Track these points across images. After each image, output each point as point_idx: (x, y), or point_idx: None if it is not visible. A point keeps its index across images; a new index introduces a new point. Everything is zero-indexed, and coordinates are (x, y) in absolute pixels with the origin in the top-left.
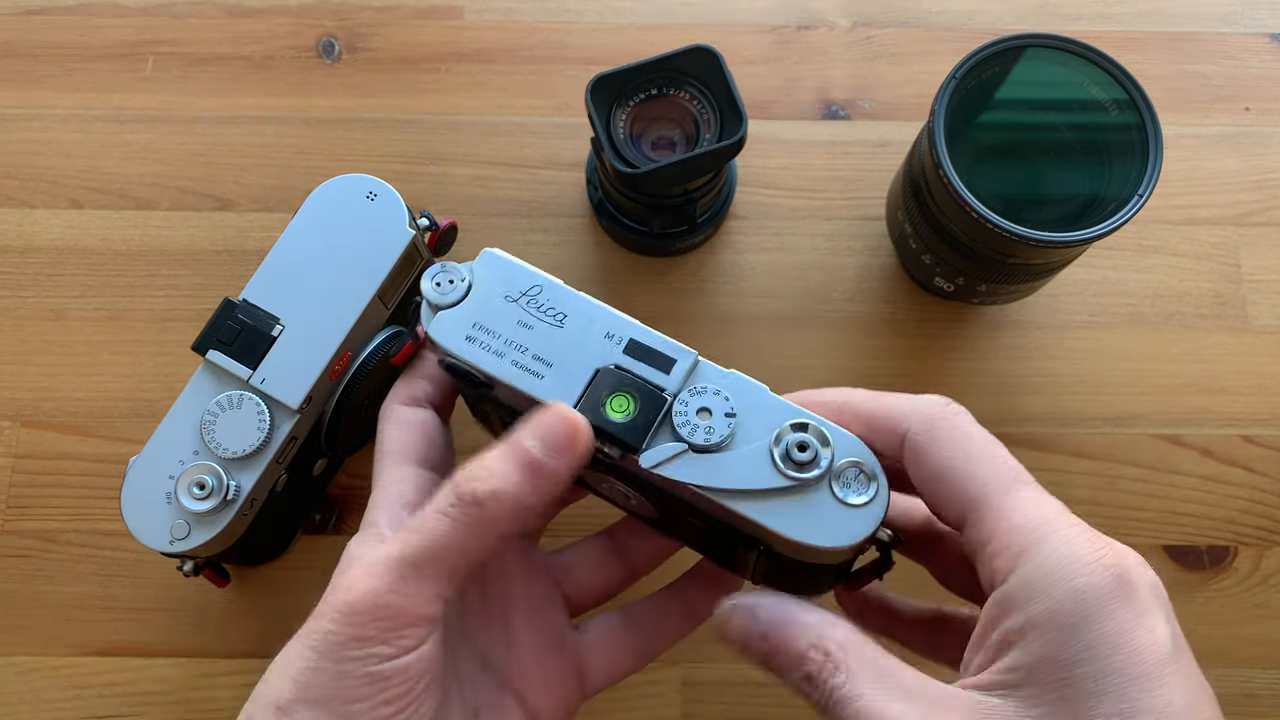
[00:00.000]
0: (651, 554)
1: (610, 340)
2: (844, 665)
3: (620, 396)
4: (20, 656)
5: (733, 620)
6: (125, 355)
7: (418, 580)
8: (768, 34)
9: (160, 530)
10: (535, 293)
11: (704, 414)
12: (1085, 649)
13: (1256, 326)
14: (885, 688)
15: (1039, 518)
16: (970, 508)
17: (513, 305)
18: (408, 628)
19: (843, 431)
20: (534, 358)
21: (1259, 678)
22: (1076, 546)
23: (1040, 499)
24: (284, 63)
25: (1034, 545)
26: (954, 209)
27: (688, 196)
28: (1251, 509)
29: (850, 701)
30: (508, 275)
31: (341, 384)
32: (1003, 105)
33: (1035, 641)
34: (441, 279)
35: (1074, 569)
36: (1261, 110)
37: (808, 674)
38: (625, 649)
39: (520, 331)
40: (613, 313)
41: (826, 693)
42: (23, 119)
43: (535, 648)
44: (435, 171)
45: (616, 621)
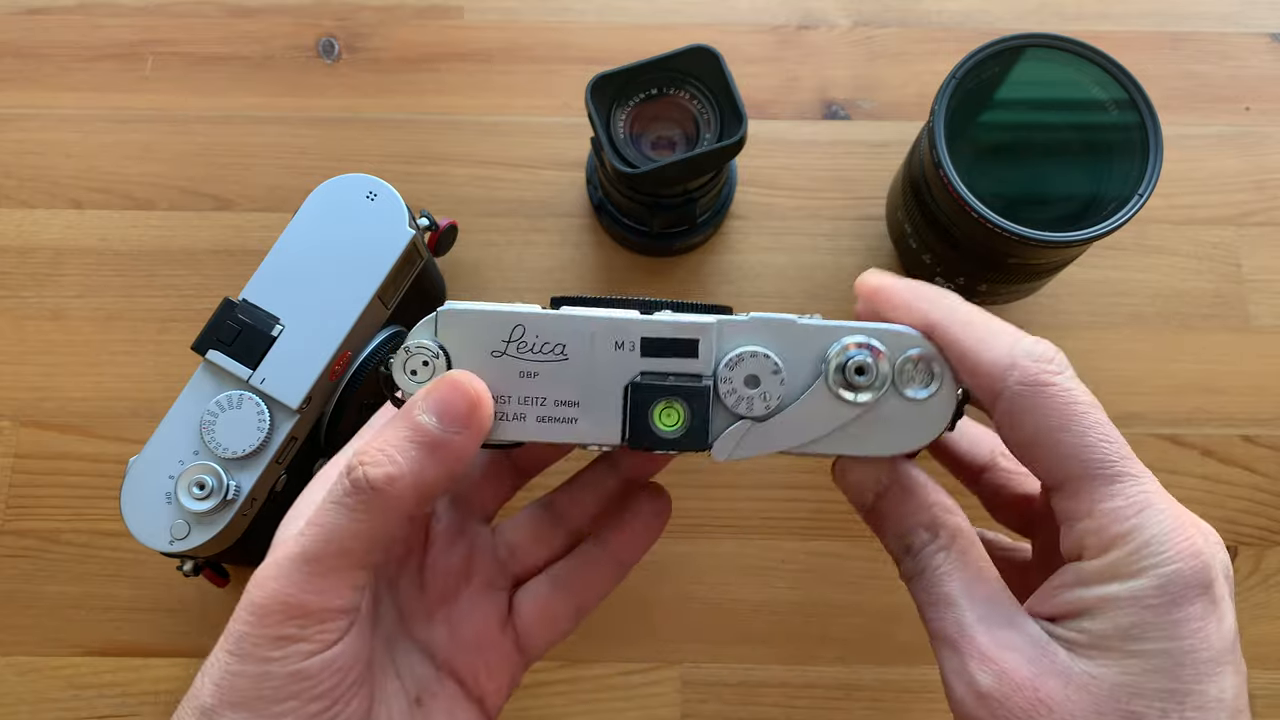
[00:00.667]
0: (591, 515)
1: (622, 350)
2: (948, 549)
3: (665, 408)
4: (20, 656)
5: (852, 471)
6: (125, 355)
7: (323, 575)
8: (768, 34)
9: (160, 530)
10: (519, 335)
11: (751, 382)
12: (1160, 630)
13: (1257, 326)
14: (975, 585)
15: (1137, 503)
16: (1069, 483)
17: (504, 359)
18: (324, 622)
19: (886, 327)
20: (556, 404)
21: (1259, 678)
22: (1170, 536)
23: (1140, 478)
24: (284, 63)
25: (1131, 532)
26: (954, 209)
27: (688, 196)
28: (1251, 509)
29: (942, 583)
30: (481, 328)
31: (341, 384)
32: (1003, 105)
33: (1111, 614)
34: (413, 364)
35: (1169, 558)
36: (1262, 110)
37: (910, 545)
38: (560, 614)
39: (527, 383)
40: (608, 316)
41: (920, 568)
42: (23, 119)
43: (477, 632)
44: (435, 171)
45: (546, 588)
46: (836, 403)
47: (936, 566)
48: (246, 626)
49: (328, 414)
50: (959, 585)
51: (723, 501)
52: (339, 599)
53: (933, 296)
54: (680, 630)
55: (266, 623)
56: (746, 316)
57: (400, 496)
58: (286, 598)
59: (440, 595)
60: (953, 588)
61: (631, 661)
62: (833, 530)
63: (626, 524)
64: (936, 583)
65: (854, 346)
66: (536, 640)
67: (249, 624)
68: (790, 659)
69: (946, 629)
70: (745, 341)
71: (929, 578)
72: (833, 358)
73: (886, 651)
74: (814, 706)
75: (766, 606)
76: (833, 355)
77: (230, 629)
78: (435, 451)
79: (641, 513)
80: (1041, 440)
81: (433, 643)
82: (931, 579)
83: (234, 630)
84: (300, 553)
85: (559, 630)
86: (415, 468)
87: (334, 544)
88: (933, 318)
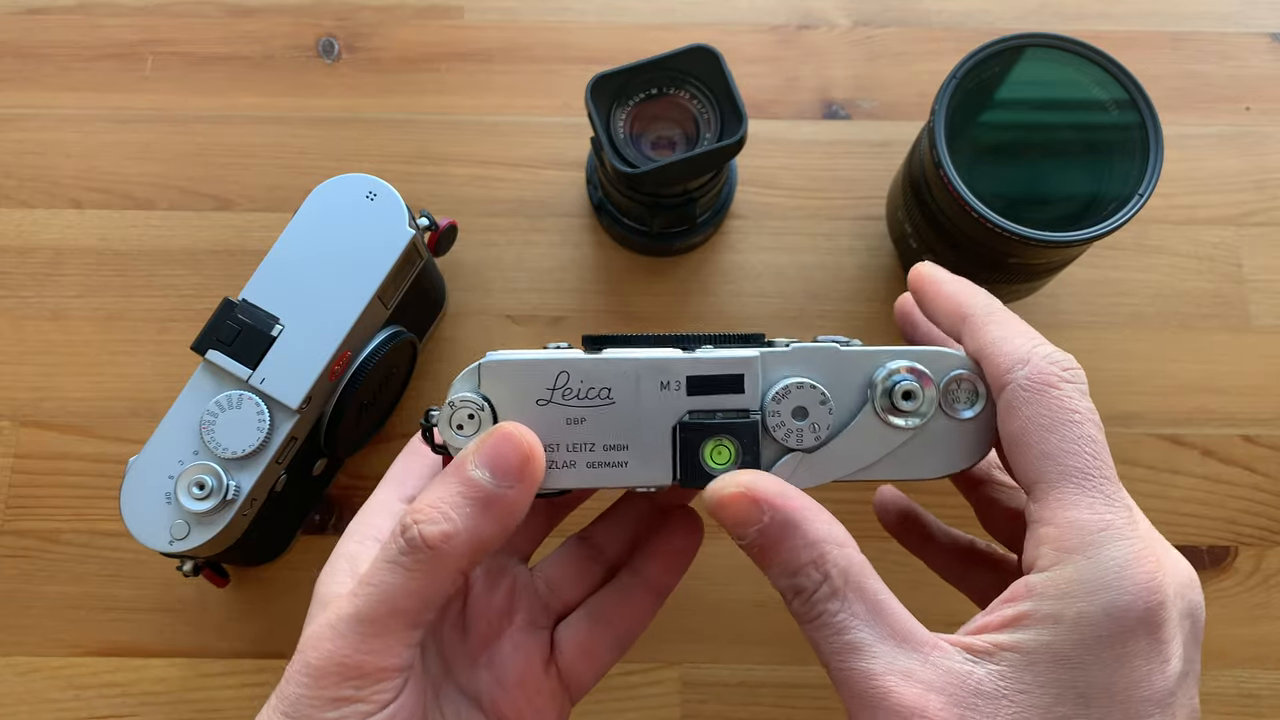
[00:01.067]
0: (627, 546)
1: (668, 390)
2: (841, 593)
3: (716, 447)
4: (20, 656)
5: (733, 506)
6: (125, 355)
7: (379, 636)
8: (768, 33)
9: (160, 530)
10: (564, 381)
11: (800, 414)
12: (1097, 660)
13: (1257, 326)
14: (877, 623)
15: (1103, 521)
16: (1041, 484)
17: (550, 407)
18: (380, 682)
19: (929, 351)
20: (606, 449)
21: (1259, 677)
22: (1128, 565)
23: (1112, 499)
24: (283, 62)
25: (1088, 548)
26: (954, 209)
27: (688, 196)
28: (1252, 509)
29: (839, 633)
30: (525, 377)
31: (341, 384)
32: (1003, 105)
33: (1051, 633)
34: (459, 419)
35: (1118, 587)
36: (1262, 110)
37: (799, 587)
38: (602, 648)
39: (576, 430)
40: (651, 356)
41: (816, 612)
42: (22, 119)
43: (521, 674)
44: (435, 171)
45: (585, 624)
46: (885, 428)
47: (834, 612)
48: (302, 689)
49: (328, 414)
50: (861, 630)
51: None
52: (395, 658)
53: (974, 291)
54: (680, 630)
55: (323, 684)
56: (788, 346)
57: (457, 554)
58: (343, 659)
59: (483, 639)
60: (855, 635)
61: (631, 661)
62: None
63: (660, 551)
64: (836, 630)
65: (901, 371)
66: (580, 676)
67: (305, 685)
68: (790, 659)
69: (854, 681)
70: (790, 373)
71: (826, 624)
72: (879, 383)
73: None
74: (814, 706)
75: (766, 606)
76: (879, 381)
77: (284, 690)
78: (490, 507)
79: (675, 539)
80: (1027, 436)
81: (479, 689)
82: (830, 625)
83: (289, 692)
84: (354, 613)
85: (602, 664)
86: (471, 524)
87: (389, 604)
88: (966, 308)
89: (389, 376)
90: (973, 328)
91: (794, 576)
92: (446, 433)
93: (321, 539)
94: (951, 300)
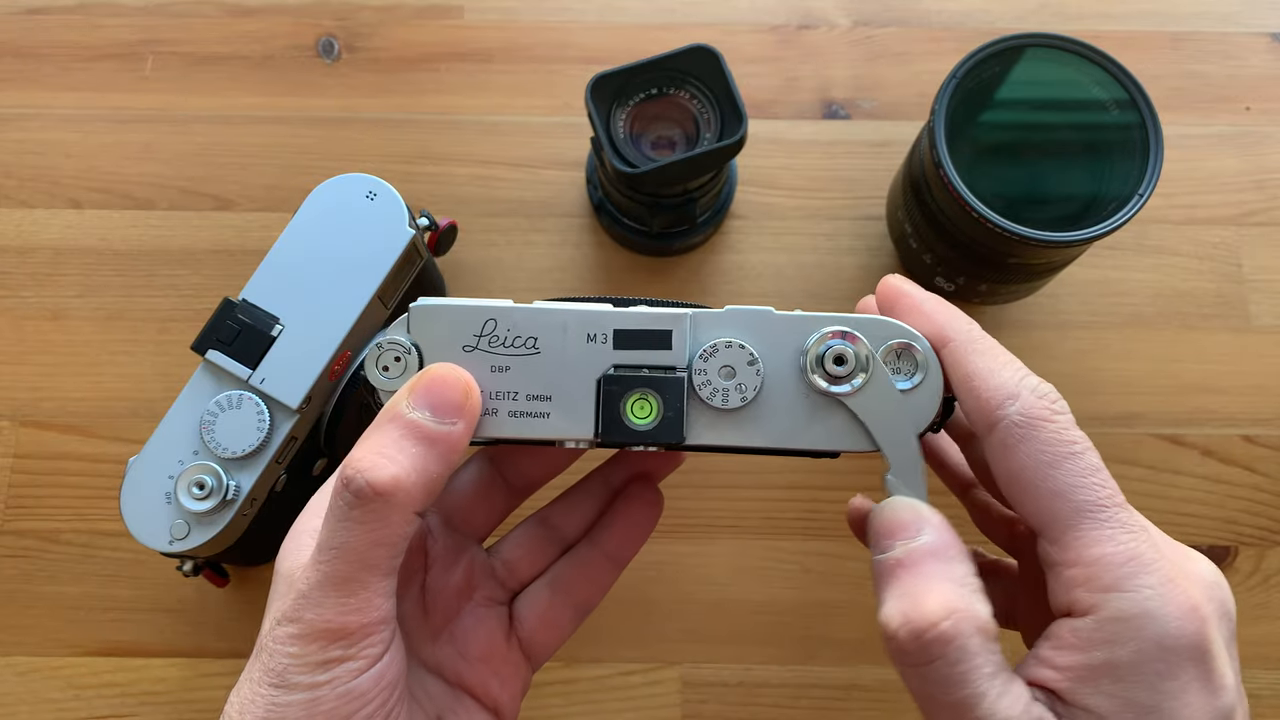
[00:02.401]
0: (585, 527)
1: (594, 342)
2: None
3: (638, 400)
4: (20, 656)
5: (899, 515)
6: (125, 355)
7: (354, 594)
8: (768, 33)
9: (160, 530)
10: (491, 329)
11: (727, 373)
12: (1159, 692)
13: (1258, 326)
14: (997, 682)
15: (1130, 552)
16: (1056, 524)
17: (476, 354)
18: (367, 637)
19: (866, 318)
20: (529, 398)
21: (1259, 678)
22: (1165, 592)
23: (1130, 526)
24: (284, 62)
25: (1122, 582)
26: (954, 209)
27: (688, 196)
28: (1252, 509)
29: (964, 685)
30: (453, 322)
31: (341, 384)
32: (1003, 105)
33: (1119, 685)
34: (385, 360)
35: (1163, 616)
36: (1262, 110)
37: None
38: (561, 617)
39: (499, 378)
40: (581, 309)
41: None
42: (22, 118)
43: (484, 647)
44: (435, 171)
45: (544, 593)
46: (815, 395)
47: (956, 661)
48: (289, 659)
49: (327, 414)
50: (984, 683)
51: (723, 501)
52: (375, 611)
53: (953, 314)
54: (680, 630)
55: (310, 649)
56: (723, 309)
57: (408, 495)
58: (325, 625)
59: (443, 616)
60: (980, 684)
61: (631, 662)
62: (833, 530)
63: (618, 520)
64: (960, 682)
65: (832, 336)
66: (541, 645)
67: (291, 655)
68: (790, 659)
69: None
70: (721, 333)
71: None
72: (811, 347)
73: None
74: (814, 706)
75: (766, 606)
76: (811, 345)
77: (268, 664)
78: (435, 445)
79: (632, 508)
80: (1031, 475)
81: (442, 663)
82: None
83: (275, 664)
84: (322, 579)
85: (562, 633)
86: (419, 464)
87: (355, 561)
88: (948, 332)
89: None
90: (955, 356)
91: (925, 633)
92: (372, 373)
93: None
94: (930, 321)
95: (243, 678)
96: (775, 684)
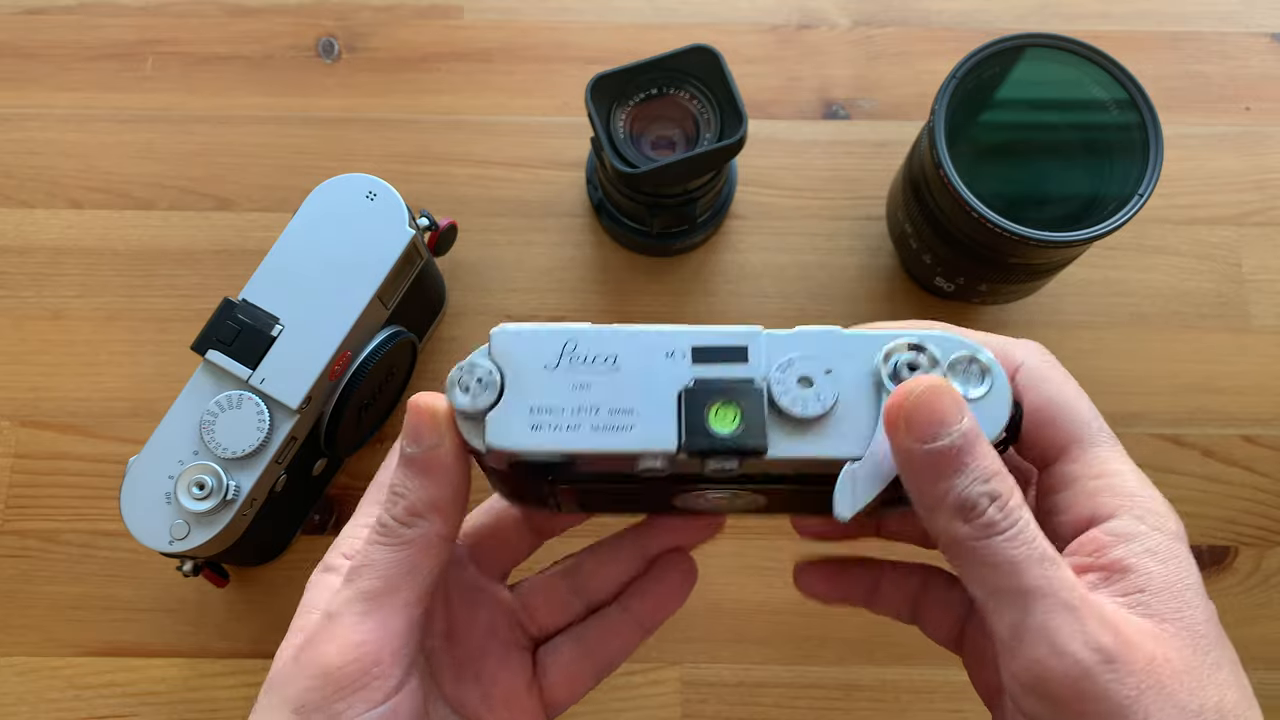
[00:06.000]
0: (612, 588)
1: (673, 359)
2: (1029, 504)
3: (720, 408)
4: (20, 656)
5: (938, 399)
6: (125, 355)
7: (380, 614)
8: (768, 33)
9: (160, 530)
10: (572, 349)
11: (805, 383)
12: (1190, 566)
13: (1258, 326)
14: (1051, 554)
15: (1132, 467)
16: (1078, 445)
17: (558, 372)
18: (389, 669)
19: (931, 333)
20: (610, 413)
21: (1259, 677)
22: (1158, 494)
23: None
24: (284, 62)
25: (1139, 489)
26: (954, 209)
27: (688, 196)
28: (1252, 509)
29: (1035, 541)
30: (534, 345)
31: (341, 384)
32: (1003, 105)
33: (1152, 566)
34: (467, 381)
35: (1166, 514)
36: (1262, 110)
37: (995, 493)
38: (584, 674)
39: (581, 394)
40: (659, 330)
41: (1011, 520)
42: (22, 118)
43: (507, 691)
44: (435, 171)
45: (569, 648)
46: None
47: (1029, 520)
48: (312, 682)
49: (327, 414)
50: (1048, 543)
51: None
52: (398, 640)
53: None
54: (680, 630)
55: (334, 676)
56: (791, 330)
57: (425, 522)
58: (352, 646)
59: (467, 653)
60: (1047, 545)
61: (631, 661)
62: None
63: (653, 589)
64: (1032, 538)
65: (904, 348)
66: (559, 699)
67: (315, 679)
68: (790, 659)
69: (1056, 588)
70: (794, 348)
71: (1023, 530)
72: (883, 357)
73: (886, 651)
74: (814, 706)
75: (766, 606)
76: (883, 354)
77: (287, 692)
78: (430, 471)
79: (668, 577)
80: (1053, 405)
81: (464, 702)
82: (1028, 532)
83: (294, 692)
84: (354, 595)
85: (581, 690)
86: (423, 493)
87: (386, 580)
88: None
89: (389, 376)
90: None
91: (988, 482)
92: (455, 395)
93: (321, 539)
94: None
95: (263, 700)
96: (775, 684)
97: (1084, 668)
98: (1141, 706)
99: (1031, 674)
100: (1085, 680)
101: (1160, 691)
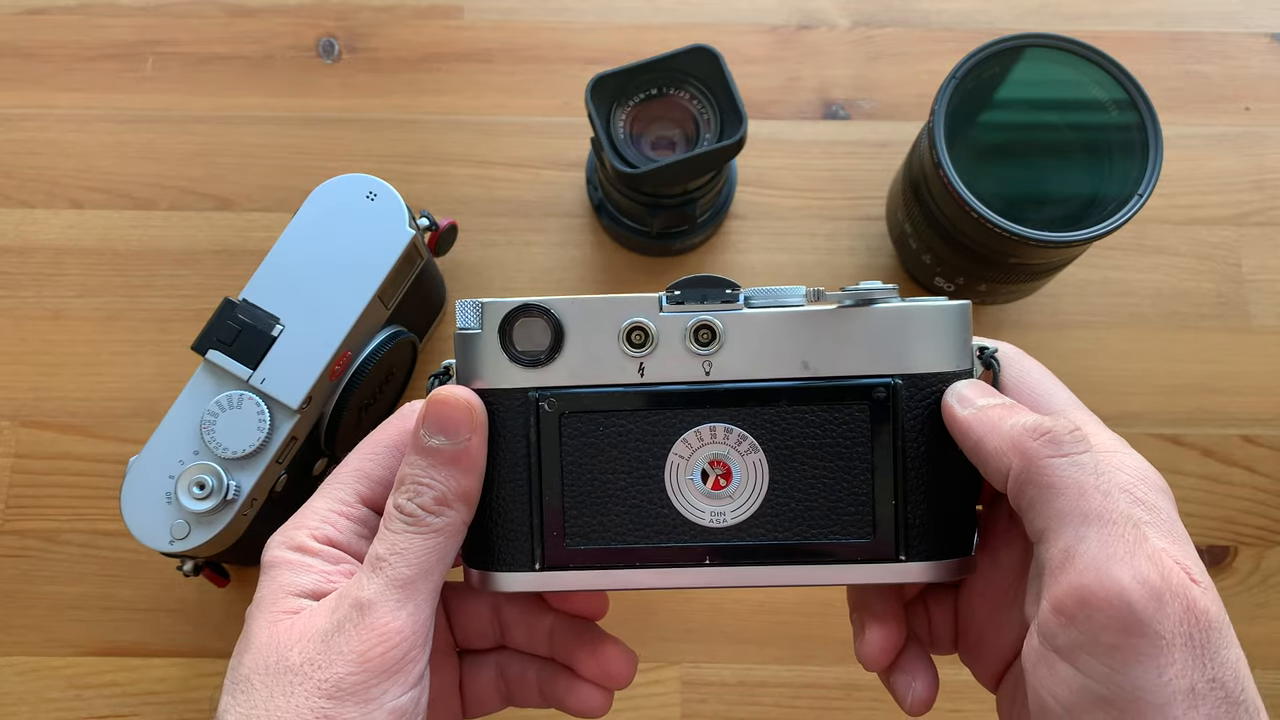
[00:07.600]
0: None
1: None
2: None
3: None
4: (20, 656)
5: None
6: (125, 355)
7: (411, 600)
8: (768, 34)
9: (160, 530)
10: None
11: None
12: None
13: (1257, 326)
14: None
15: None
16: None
17: None
18: (420, 654)
19: None
20: None
21: (1259, 678)
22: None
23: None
24: (284, 63)
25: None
26: (954, 209)
27: (688, 196)
28: (1252, 509)
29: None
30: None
31: (342, 384)
32: (1003, 105)
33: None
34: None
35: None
36: (1262, 110)
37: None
38: (498, 699)
39: None
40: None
41: (1081, 448)
42: (22, 118)
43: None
44: (435, 171)
45: (492, 674)
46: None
47: (1098, 458)
48: (346, 668)
49: (328, 414)
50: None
51: None
52: (424, 625)
53: None
54: (680, 630)
55: (370, 661)
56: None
57: (453, 510)
58: (383, 628)
59: None
60: (1113, 483)
61: None
62: None
63: (575, 686)
64: (1098, 471)
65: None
66: (478, 707)
67: (351, 665)
68: (790, 659)
69: (1115, 518)
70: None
71: (1091, 460)
72: None
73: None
74: (814, 706)
75: (766, 606)
76: None
77: (319, 676)
78: (458, 463)
79: (589, 687)
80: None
81: None
82: (1093, 463)
83: (328, 676)
84: (387, 581)
85: (494, 708)
86: (452, 484)
87: (417, 566)
88: None
89: (389, 376)
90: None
91: (1065, 415)
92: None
93: None
94: None
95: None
96: (775, 684)
97: (1127, 599)
98: (1174, 649)
99: (1076, 598)
100: (1127, 611)
101: (1189, 641)
